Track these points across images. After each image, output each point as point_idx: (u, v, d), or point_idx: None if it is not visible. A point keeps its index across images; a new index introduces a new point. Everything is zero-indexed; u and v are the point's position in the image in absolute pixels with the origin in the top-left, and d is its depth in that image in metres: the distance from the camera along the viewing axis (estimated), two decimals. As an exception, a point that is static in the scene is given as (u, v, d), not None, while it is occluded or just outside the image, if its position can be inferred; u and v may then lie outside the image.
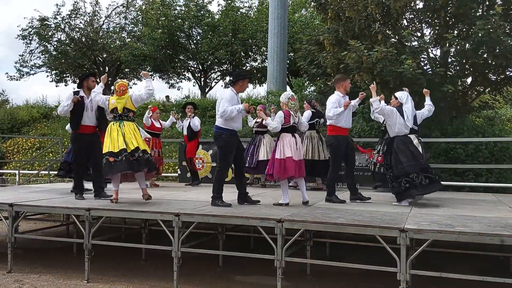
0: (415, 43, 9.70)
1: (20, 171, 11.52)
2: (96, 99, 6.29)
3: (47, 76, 24.96)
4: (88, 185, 6.92)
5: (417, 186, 5.88)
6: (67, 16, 23.93)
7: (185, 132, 8.95)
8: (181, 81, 25.15)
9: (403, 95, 6.28)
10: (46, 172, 11.64)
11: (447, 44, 8.88)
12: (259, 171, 8.51)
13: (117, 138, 5.85)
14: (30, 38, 24.13)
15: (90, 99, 6.41)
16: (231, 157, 5.81)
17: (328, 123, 6.44)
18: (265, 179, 8.72)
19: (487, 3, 9.25)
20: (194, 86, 24.56)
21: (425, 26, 10.33)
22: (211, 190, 5.79)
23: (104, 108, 6.32)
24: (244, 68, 23.75)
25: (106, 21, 25.08)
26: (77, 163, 6.57)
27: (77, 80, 6.59)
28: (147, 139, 8.39)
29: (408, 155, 5.98)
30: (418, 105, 6.82)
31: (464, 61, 9.62)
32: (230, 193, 6.18)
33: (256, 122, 8.68)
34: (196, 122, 8.82)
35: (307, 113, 8.06)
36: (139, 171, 6.01)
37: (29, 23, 23.81)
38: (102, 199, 6.33)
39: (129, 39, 24.36)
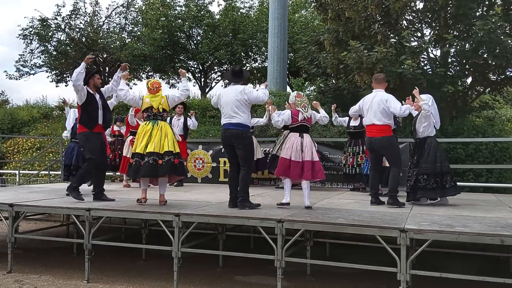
0: (415, 43, 9.72)
1: (20, 171, 11.52)
2: (128, 98, 5.94)
3: (47, 76, 24.98)
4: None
5: (434, 188, 6.05)
6: (67, 17, 23.92)
7: (180, 132, 8.80)
8: (181, 81, 25.15)
9: (428, 98, 6.30)
10: (46, 172, 11.64)
11: (447, 44, 8.89)
12: (259, 169, 8.69)
13: (146, 140, 5.70)
14: (31, 38, 24.13)
15: (100, 97, 6.18)
16: None
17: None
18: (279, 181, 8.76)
19: (487, 3, 9.27)
20: (194, 86, 24.52)
21: (425, 27, 10.34)
22: (210, 189, 5.76)
23: (136, 105, 5.97)
24: (244, 68, 23.73)
25: (106, 21, 25.09)
26: (93, 163, 6.12)
27: None
28: (133, 140, 8.42)
29: (442, 155, 6.22)
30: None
31: (464, 61, 9.64)
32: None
33: None
34: (195, 122, 8.94)
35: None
36: (162, 177, 5.83)
37: (29, 23, 23.82)
38: (101, 202, 6.11)
39: (129, 39, 24.36)
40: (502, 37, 8.34)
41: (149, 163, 5.60)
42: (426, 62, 10.05)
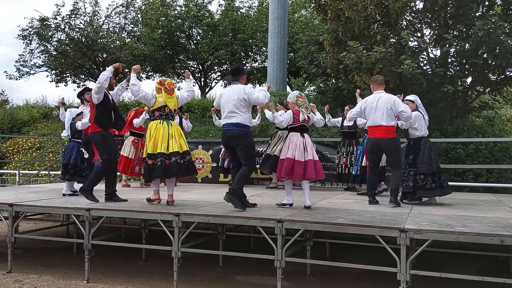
0: (415, 43, 9.72)
1: (20, 171, 11.51)
2: (140, 95, 5.75)
3: (47, 76, 24.99)
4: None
5: (434, 188, 6.13)
6: (67, 16, 23.92)
7: None
8: (181, 81, 25.16)
9: (417, 98, 6.37)
10: (46, 172, 11.64)
11: (447, 44, 8.89)
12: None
13: (167, 139, 5.64)
14: (30, 38, 24.13)
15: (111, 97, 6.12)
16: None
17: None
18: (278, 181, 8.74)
19: (487, 3, 9.26)
20: (194, 86, 24.54)
21: (425, 27, 10.34)
22: (210, 190, 5.76)
23: (147, 103, 5.87)
24: (244, 68, 23.74)
25: (106, 21, 25.09)
26: (110, 163, 6.08)
27: (77, 80, 6.18)
28: (135, 141, 8.40)
29: (435, 155, 6.29)
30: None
31: (464, 61, 9.64)
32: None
33: None
34: (190, 124, 9.11)
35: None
36: (189, 176, 5.94)
37: (29, 23, 23.82)
38: (113, 202, 6.00)
39: (129, 39, 24.36)
40: (502, 37, 8.34)
41: (177, 162, 5.62)
42: (425, 62, 10.05)
